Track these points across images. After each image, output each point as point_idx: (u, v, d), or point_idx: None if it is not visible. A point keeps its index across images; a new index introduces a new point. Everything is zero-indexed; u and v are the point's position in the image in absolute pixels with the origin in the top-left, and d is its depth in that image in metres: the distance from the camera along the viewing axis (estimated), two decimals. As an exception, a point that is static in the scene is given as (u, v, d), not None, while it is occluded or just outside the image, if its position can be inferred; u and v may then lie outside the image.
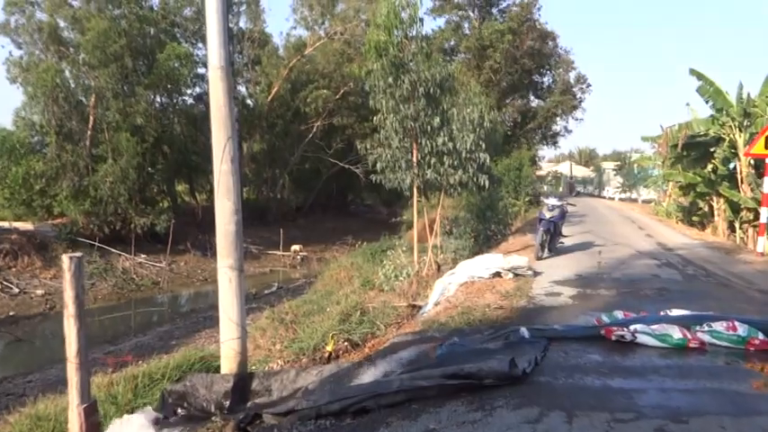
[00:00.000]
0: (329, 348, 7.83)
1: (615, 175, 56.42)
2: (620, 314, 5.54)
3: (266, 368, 7.30)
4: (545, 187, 39.20)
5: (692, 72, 17.07)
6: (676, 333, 4.84)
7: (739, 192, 15.81)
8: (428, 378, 4.10)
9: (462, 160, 11.74)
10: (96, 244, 21.56)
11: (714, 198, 17.62)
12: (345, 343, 8.08)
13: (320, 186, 37.09)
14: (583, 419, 3.43)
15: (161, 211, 24.55)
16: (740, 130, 15.78)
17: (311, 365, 7.39)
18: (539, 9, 35.09)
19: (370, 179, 13.64)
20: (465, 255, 13.68)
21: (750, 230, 15.29)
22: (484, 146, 12.02)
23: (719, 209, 17.35)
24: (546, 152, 48.50)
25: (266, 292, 19.11)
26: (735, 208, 16.12)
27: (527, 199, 26.59)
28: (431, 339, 5.37)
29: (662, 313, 5.51)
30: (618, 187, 49.30)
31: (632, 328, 5.00)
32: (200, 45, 30.58)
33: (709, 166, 17.49)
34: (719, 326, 4.96)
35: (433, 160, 11.71)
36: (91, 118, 24.02)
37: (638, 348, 4.79)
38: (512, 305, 6.56)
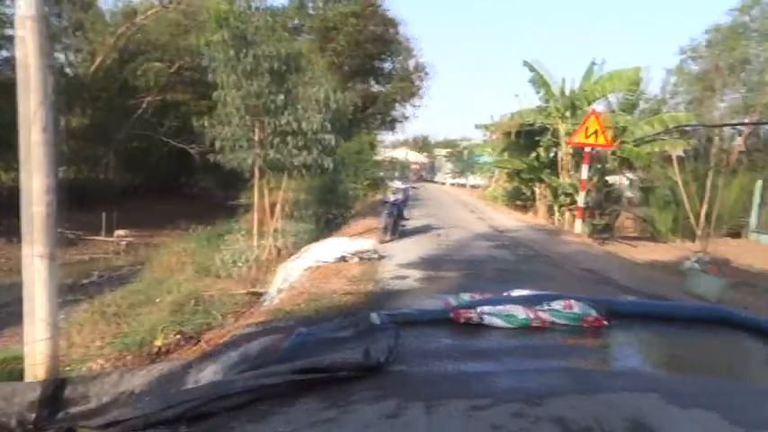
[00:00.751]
0: (158, 343, 7.08)
1: (447, 161, 59.30)
2: (467, 296, 5.52)
3: (84, 370, 6.43)
4: (393, 172, 40.20)
5: (525, 64, 18.20)
6: (521, 313, 4.89)
7: (559, 178, 17.15)
8: (276, 375, 3.67)
9: (307, 141, 11.38)
10: None
11: (537, 183, 19.02)
12: (178, 336, 7.37)
13: (151, 167, 34.53)
14: (441, 409, 3.21)
15: (-45, 190, 21.34)
16: (562, 121, 17.10)
17: (138, 365, 6.65)
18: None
19: (208, 160, 12.82)
20: (307, 239, 13.36)
21: (567, 214, 16.67)
22: (329, 127, 11.75)
23: (541, 193, 18.77)
24: (385, 138, 49.39)
25: (85, 282, 17.25)
26: (555, 193, 17.51)
27: (366, 183, 26.87)
28: (277, 330, 4.94)
29: (505, 294, 5.58)
30: (448, 173, 51.92)
31: (479, 309, 4.98)
32: (7, 2, 26.93)
33: (533, 154, 18.78)
34: (558, 305, 5.10)
35: (276, 140, 11.22)
36: None
37: (487, 330, 4.75)
38: (360, 290, 6.35)
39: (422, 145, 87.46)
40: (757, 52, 20.81)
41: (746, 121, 19.95)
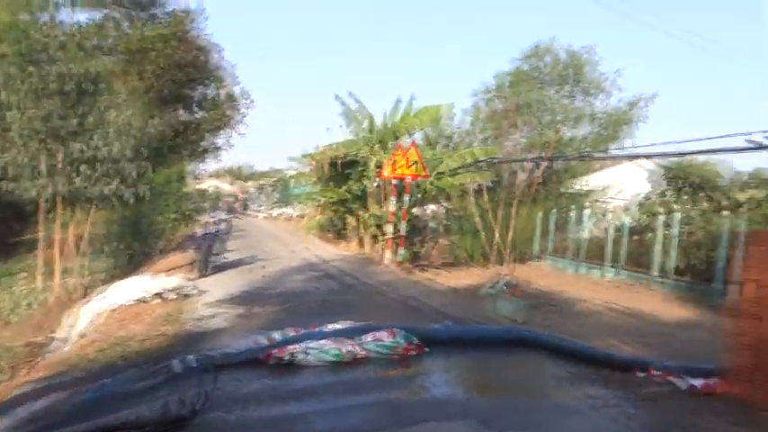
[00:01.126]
0: None
1: (261, 193, 58.56)
2: (277, 334, 5.30)
3: None
4: (207, 203, 38.55)
5: (337, 97, 18.64)
6: (332, 348, 4.82)
7: (368, 209, 17.67)
8: (72, 437, 3.18)
9: (106, 170, 10.41)
10: None
11: (348, 215, 19.40)
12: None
13: None
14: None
15: None
16: (373, 154, 17.67)
17: None
18: (202, 19, 34.11)
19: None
20: (105, 278, 12.22)
21: (380, 243, 17.18)
22: (131, 155, 10.86)
23: (351, 225, 19.16)
24: (206, 166, 47.27)
25: None
26: (365, 224, 17.97)
27: (173, 215, 25.52)
28: (74, 383, 4.37)
29: (319, 329, 5.44)
30: (261, 205, 51.28)
31: (289, 348, 4.81)
32: None
33: (344, 186, 19.19)
34: (370, 336, 5.11)
35: (68, 169, 10.11)
36: None
37: (305, 368, 4.61)
38: (173, 331, 5.85)
39: (245, 174, 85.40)
40: (539, 96, 23.62)
41: (542, 155, 22.28)
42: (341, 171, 19.15)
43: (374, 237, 17.27)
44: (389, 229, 13.32)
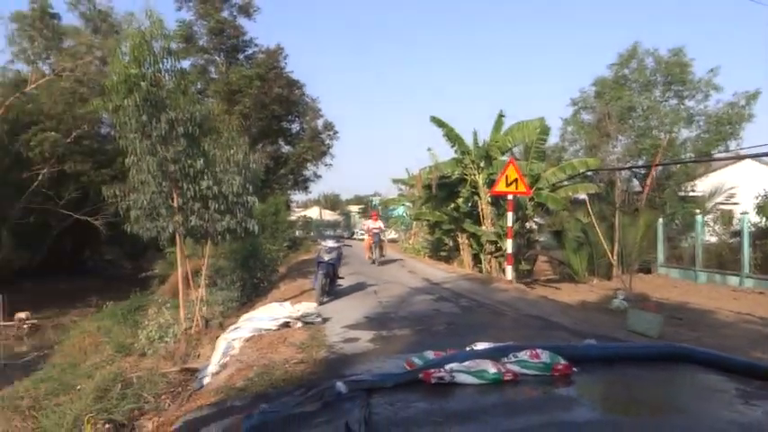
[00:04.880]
0: (86, 436, 6.39)
1: (360, 217, 59.53)
2: (430, 354, 5.28)
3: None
4: (312, 232, 39.70)
5: (433, 119, 18.63)
6: (490, 368, 4.70)
7: (481, 227, 17.47)
8: (249, 464, 3.30)
9: (230, 204, 10.97)
10: None
11: (459, 234, 19.25)
12: (108, 426, 6.67)
13: (51, 243, 32.35)
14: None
15: None
16: (479, 171, 17.55)
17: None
18: (285, 57, 35.82)
19: (114, 231, 12.07)
20: (234, 306, 12.74)
21: (493, 261, 16.92)
22: (251, 188, 11.42)
23: (464, 243, 18.99)
24: (296, 197, 48.99)
25: (-16, 373, 15.60)
26: (479, 242, 17.75)
27: (285, 244, 26.34)
28: (231, 411, 4.51)
29: (468, 349, 5.38)
30: (362, 230, 52.06)
31: (448, 367, 4.75)
32: None
33: (452, 205, 19.09)
34: (524, 354, 4.97)
35: (197, 206, 10.72)
36: None
37: (458, 389, 4.51)
38: (312, 357, 5.99)
39: (332, 203, 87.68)
40: (640, 101, 22.70)
41: (640, 163, 21.39)
42: (445, 191, 19.16)
43: (489, 254, 17.05)
44: (509, 245, 13.13)
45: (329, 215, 73.41)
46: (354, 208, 75.45)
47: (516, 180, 12.68)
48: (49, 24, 31.07)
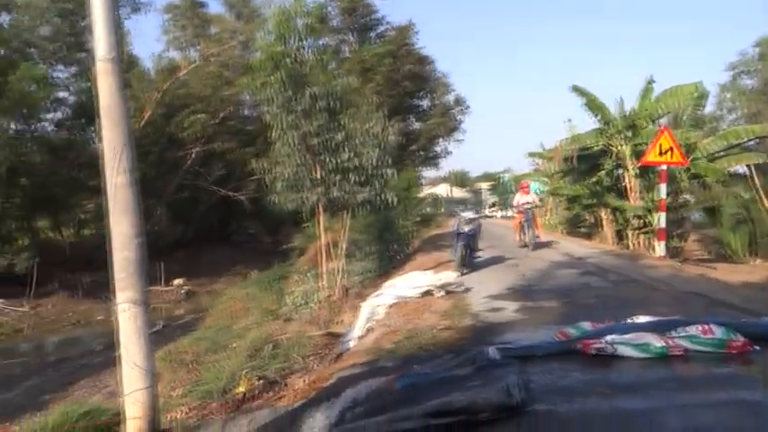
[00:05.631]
0: (242, 389, 6.81)
1: (491, 194, 58.69)
2: (587, 324, 5.02)
3: (169, 418, 6.16)
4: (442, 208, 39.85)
5: (574, 89, 17.73)
6: (656, 341, 4.37)
7: (626, 201, 16.43)
8: (408, 419, 3.30)
9: (369, 176, 11.19)
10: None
11: (600, 208, 18.27)
12: (260, 381, 7.08)
13: (200, 217, 34.97)
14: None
15: (20, 249, 21.90)
16: (625, 142, 16.47)
17: (224, 412, 6.35)
18: (416, 33, 35.80)
19: (256, 205, 12.74)
20: (371, 276, 13.03)
21: (641, 237, 15.88)
22: (389, 161, 11.56)
23: (606, 218, 18.00)
24: (426, 173, 49.22)
25: (150, 331, 17.14)
26: (624, 216, 16.72)
27: (417, 219, 26.54)
28: (383, 371, 4.56)
29: (628, 321, 5.06)
30: (492, 206, 51.34)
31: (609, 338, 4.48)
32: (59, 67, 27.98)
33: (594, 178, 18.10)
34: (694, 329, 4.55)
35: (338, 177, 11.04)
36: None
37: (617, 361, 4.23)
38: (458, 324, 5.94)
39: (461, 179, 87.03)
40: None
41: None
42: (584, 163, 18.26)
43: (636, 230, 16.09)
44: (662, 219, 12.28)
45: (458, 192, 73.03)
46: (484, 185, 74.46)
47: (671, 149, 11.75)
48: (198, 13, 33.41)
